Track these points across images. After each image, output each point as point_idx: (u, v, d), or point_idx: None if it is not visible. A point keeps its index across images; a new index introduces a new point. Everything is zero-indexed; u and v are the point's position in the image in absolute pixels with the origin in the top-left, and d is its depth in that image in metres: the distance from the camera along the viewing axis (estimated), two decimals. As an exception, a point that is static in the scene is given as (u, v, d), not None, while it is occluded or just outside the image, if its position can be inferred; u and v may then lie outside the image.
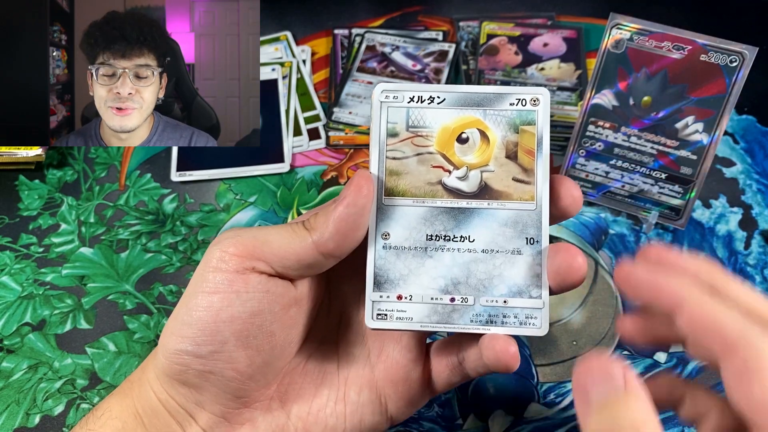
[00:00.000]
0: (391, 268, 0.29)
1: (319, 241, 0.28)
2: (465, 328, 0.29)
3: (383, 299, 0.29)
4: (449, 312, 0.29)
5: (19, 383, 0.44)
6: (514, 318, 0.29)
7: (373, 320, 0.29)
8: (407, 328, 0.30)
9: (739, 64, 0.44)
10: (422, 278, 0.29)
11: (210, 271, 0.28)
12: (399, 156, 0.30)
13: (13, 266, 0.50)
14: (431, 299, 0.29)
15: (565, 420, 0.42)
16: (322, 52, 0.64)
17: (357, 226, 0.28)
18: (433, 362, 0.32)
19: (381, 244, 0.30)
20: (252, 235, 0.29)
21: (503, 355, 0.28)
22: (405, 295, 0.29)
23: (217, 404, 0.29)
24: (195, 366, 0.28)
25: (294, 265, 0.28)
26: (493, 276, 0.29)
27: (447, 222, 0.30)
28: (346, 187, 0.28)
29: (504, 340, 0.28)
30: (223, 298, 0.28)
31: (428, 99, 0.30)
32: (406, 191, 0.30)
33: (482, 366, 0.30)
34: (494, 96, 0.30)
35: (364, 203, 0.28)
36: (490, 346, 0.28)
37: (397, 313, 0.29)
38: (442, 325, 0.29)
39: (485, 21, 0.63)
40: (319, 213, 0.29)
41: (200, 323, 0.28)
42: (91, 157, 0.56)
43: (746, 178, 0.53)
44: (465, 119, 0.30)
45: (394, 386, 0.32)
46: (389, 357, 0.32)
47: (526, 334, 0.29)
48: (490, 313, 0.29)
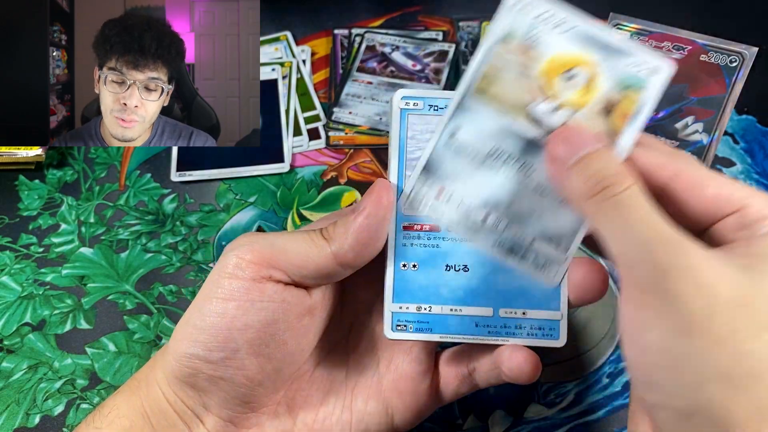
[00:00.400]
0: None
1: (339, 251, 0.28)
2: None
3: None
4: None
5: (19, 383, 0.44)
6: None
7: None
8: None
9: (739, 64, 0.44)
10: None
11: (225, 277, 0.28)
12: (500, 65, 0.27)
13: (13, 266, 0.50)
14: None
15: (565, 420, 0.42)
16: (322, 52, 0.64)
17: (377, 237, 0.28)
18: (442, 372, 0.32)
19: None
20: (269, 243, 0.28)
21: (526, 366, 0.28)
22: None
23: (225, 408, 0.29)
24: (205, 371, 0.28)
25: (312, 274, 0.28)
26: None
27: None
28: (366, 196, 0.28)
29: (526, 352, 0.28)
30: (238, 306, 0.28)
31: (557, 23, 0.27)
32: (495, 97, 0.28)
33: (494, 377, 0.30)
34: (620, 49, 0.27)
35: (385, 214, 0.28)
36: (512, 357, 0.28)
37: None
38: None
39: (485, 21, 0.63)
40: (338, 223, 0.28)
41: (213, 329, 0.28)
42: (91, 157, 0.56)
43: (746, 178, 0.53)
44: (582, 57, 0.27)
45: (402, 397, 0.31)
46: (398, 368, 0.32)
47: (544, 345, 0.29)
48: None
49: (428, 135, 0.29)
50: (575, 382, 0.44)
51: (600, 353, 0.45)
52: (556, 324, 0.29)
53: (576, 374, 0.44)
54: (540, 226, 0.28)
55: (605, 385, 0.43)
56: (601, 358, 0.45)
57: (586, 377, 0.44)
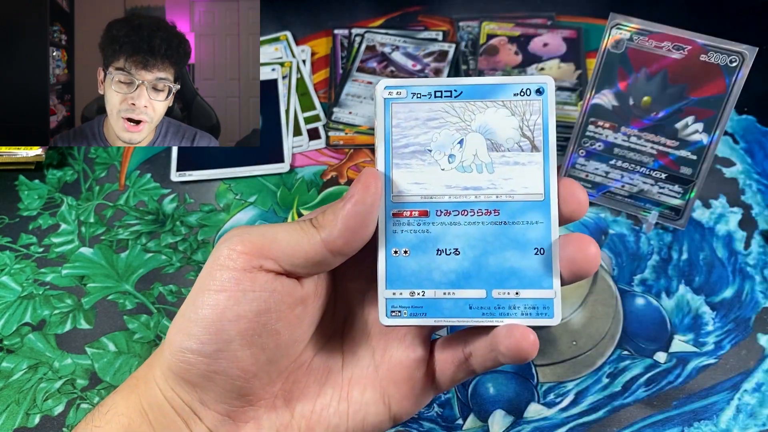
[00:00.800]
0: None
1: (328, 238, 0.28)
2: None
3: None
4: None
5: (19, 383, 0.44)
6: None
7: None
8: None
9: (739, 64, 0.44)
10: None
11: (217, 269, 0.28)
12: None
13: (13, 266, 0.50)
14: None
15: (565, 420, 0.42)
16: (322, 52, 0.64)
17: (366, 224, 0.28)
18: (438, 359, 0.32)
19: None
20: (260, 233, 0.29)
21: (524, 342, 0.28)
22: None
23: (222, 403, 0.29)
24: (200, 365, 0.28)
25: (302, 263, 0.28)
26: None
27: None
28: (354, 184, 0.28)
29: (523, 329, 0.28)
30: (229, 297, 0.28)
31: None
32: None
33: (491, 360, 0.30)
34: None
35: (373, 200, 0.28)
36: (509, 335, 0.28)
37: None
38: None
39: (485, 21, 0.63)
40: (327, 210, 0.29)
41: (206, 321, 0.28)
42: (91, 157, 0.56)
43: (746, 178, 0.53)
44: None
45: (398, 385, 0.32)
46: (393, 356, 0.32)
47: (539, 324, 0.29)
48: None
49: (413, 122, 0.30)
50: (575, 382, 0.44)
51: (600, 353, 0.45)
52: (550, 302, 0.29)
53: (576, 374, 0.44)
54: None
55: (605, 385, 0.43)
56: (601, 358, 0.45)
57: (586, 377, 0.44)
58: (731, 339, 0.45)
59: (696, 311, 0.46)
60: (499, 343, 0.29)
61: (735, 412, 0.42)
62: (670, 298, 0.47)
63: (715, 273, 0.48)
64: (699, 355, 0.44)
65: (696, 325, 0.46)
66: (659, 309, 0.47)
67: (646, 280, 0.48)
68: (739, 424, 0.41)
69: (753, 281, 0.48)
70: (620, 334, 0.45)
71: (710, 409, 0.42)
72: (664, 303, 0.47)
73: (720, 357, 0.44)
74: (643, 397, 0.43)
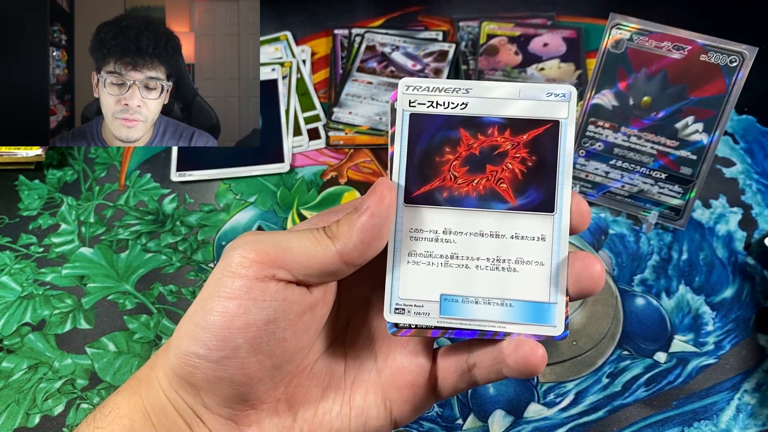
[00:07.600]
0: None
1: (344, 250, 0.28)
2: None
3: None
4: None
5: (19, 383, 0.44)
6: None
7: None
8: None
9: (739, 64, 0.44)
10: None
11: (228, 276, 0.28)
12: None
13: (13, 266, 0.50)
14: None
15: (565, 420, 0.42)
16: (322, 52, 0.64)
17: (381, 236, 0.28)
18: (441, 368, 0.32)
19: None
20: (273, 242, 0.28)
21: (532, 357, 0.28)
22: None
23: (225, 407, 0.29)
24: (205, 370, 0.28)
25: (316, 273, 0.28)
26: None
27: None
28: (368, 195, 0.28)
29: (533, 343, 0.28)
30: (239, 305, 0.28)
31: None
32: None
33: (495, 373, 0.30)
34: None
35: (388, 213, 0.28)
36: (518, 349, 0.28)
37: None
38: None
39: (485, 21, 0.63)
40: (341, 221, 0.29)
41: (214, 328, 0.28)
42: (91, 157, 0.56)
43: (746, 178, 0.53)
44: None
45: (400, 391, 0.32)
46: (396, 361, 0.32)
47: (542, 333, 0.29)
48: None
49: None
50: (575, 382, 0.44)
51: (600, 353, 0.45)
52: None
53: (576, 374, 0.44)
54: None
55: (605, 385, 0.43)
56: (601, 358, 0.45)
57: (586, 377, 0.44)
58: (731, 339, 0.45)
59: (696, 311, 0.46)
60: (506, 356, 0.29)
61: (735, 412, 0.42)
62: (670, 298, 0.47)
63: (715, 273, 0.48)
64: (699, 355, 0.44)
65: (696, 325, 0.46)
66: (659, 309, 0.47)
67: (646, 280, 0.48)
68: (739, 424, 0.41)
69: (753, 281, 0.48)
70: (620, 334, 0.45)
71: (710, 409, 0.42)
72: (664, 303, 0.47)
73: (720, 357, 0.44)
74: (643, 397, 0.43)
